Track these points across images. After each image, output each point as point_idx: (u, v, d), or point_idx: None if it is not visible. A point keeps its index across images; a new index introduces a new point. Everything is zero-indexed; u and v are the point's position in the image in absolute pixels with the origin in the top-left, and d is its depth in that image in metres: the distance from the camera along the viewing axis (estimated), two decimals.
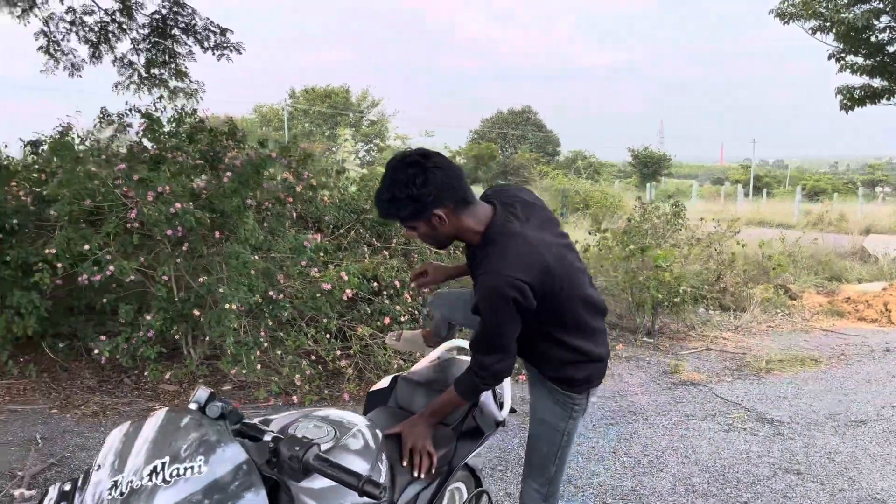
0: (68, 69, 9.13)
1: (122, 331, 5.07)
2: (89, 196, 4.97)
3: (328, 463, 1.50)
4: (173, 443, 1.42)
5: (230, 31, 8.94)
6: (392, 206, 2.06)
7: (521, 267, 2.04)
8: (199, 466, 1.38)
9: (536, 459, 2.41)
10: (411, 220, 2.10)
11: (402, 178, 2.02)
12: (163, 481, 1.34)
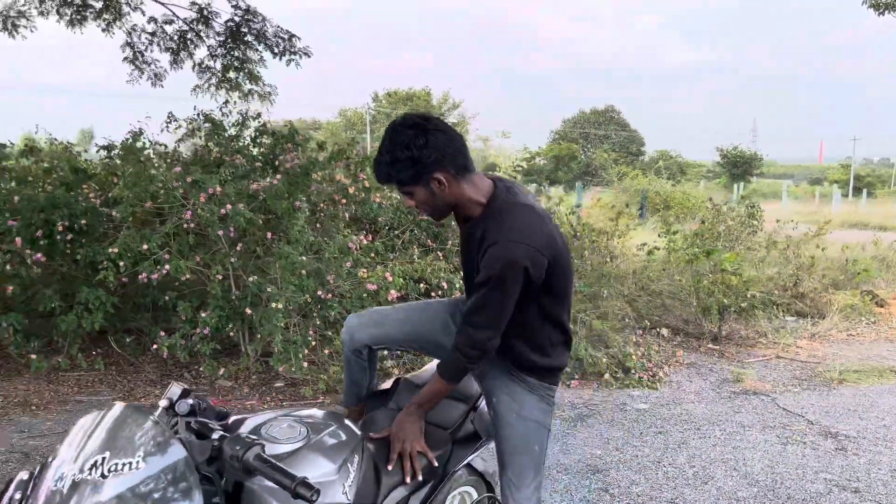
0: (151, 78, 9.58)
1: (181, 327, 5.28)
2: (151, 198, 5.20)
3: (267, 463, 1.51)
4: (118, 438, 1.46)
5: (297, 37, 9.17)
6: (392, 169, 2.00)
7: (534, 236, 2.02)
8: (137, 463, 1.41)
9: (530, 461, 2.32)
10: (411, 184, 2.03)
11: (402, 139, 1.97)
12: (101, 476, 1.39)
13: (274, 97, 9.89)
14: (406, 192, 2.08)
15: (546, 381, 2.31)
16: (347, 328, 2.43)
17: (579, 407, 5.30)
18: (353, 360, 2.46)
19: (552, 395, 2.34)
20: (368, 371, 2.51)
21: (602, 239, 7.93)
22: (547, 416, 2.33)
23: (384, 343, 2.43)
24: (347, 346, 2.43)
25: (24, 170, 6.03)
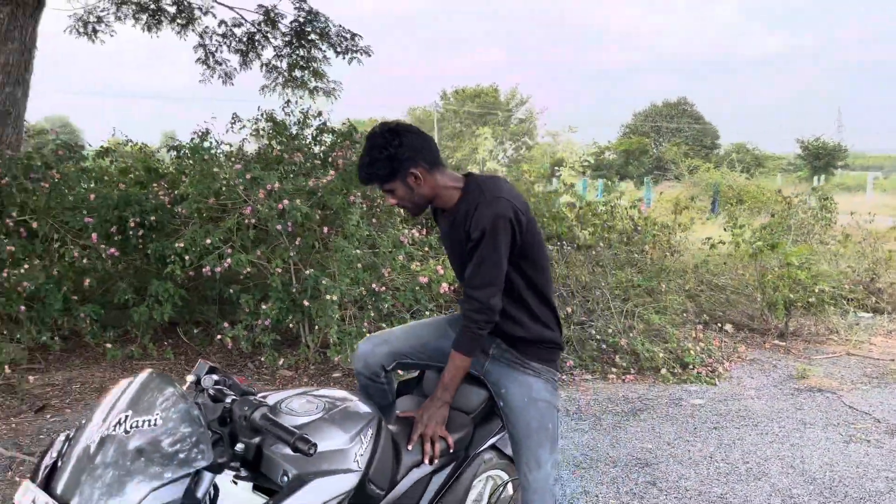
0: (222, 77, 9.97)
1: (244, 319, 5.49)
2: (214, 195, 5.43)
3: (271, 422, 1.66)
4: (141, 400, 1.63)
5: (359, 36, 9.37)
6: (372, 168, 2.22)
7: (514, 195, 2.29)
8: (155, 420, 1.58)
9: (545, 440, 2.37)
10: (390, 181, 2.24)
11: (379, 141, 2.21)
12: (124, 431, 1.56)
13: (338, 93, 10.14)
14: (387, 191, 2.30)
15: (548, 364, 2.43)
16: (360, 356, 2.51)
17: (633, 401, 5.25)
18: (370, 386, 2.53)
19: (556, 378, 2.46)
20: (388, 393, 2.59)
21: (663, 233, 7.81)
22: (554, 396, 2.43)
23: (394, 358, 2.50)
24: (364, 373, 2.51)
25: (101, 170, 6.37)
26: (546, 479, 2.35)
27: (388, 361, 2.48)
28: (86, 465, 1.53)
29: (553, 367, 2.44)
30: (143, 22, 9.23)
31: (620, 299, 6.55)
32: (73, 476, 1.53)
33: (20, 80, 6.52)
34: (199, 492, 1.63)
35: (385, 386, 2.54)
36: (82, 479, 1.51)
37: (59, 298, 5.31)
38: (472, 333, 2.26)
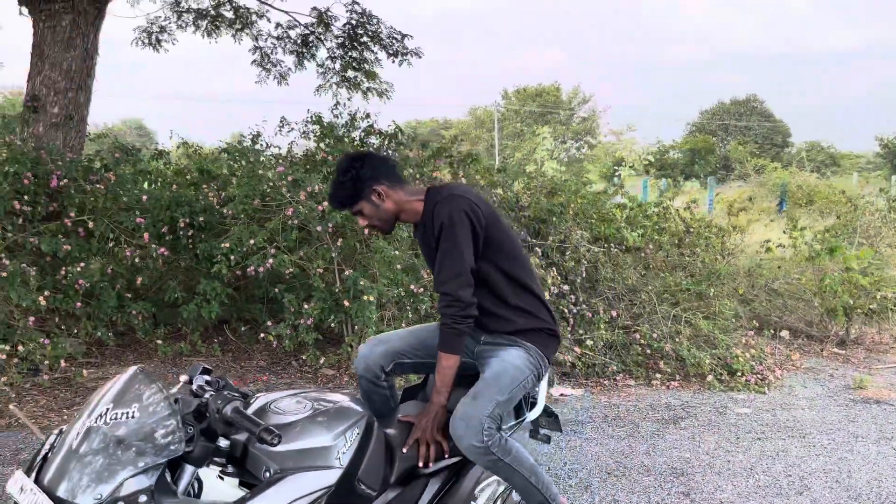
0: (277, 78, 10.19)
1: (288, 318, 5.60)
2: (259, 196, 5.55)
3: (241, 415, 1.74)
4: (123, 395, 1.73)
5: (410, 37, 9.43)
6: (341, 190, 2.39)
7: (469, 192, 2.42)
8: (133, 413, 1.68)
9: (493, 390, 2.32)
10: (357, 202, 2.40)
11: (344, 166, 2.41)
12: (104, 423, 1.67)
13: (391, 94, 10.24)
14: (356, 213, 2.45)
15: (539, 346, 2.46)
16: (360, 357, 2.56)
17: (675, 408, 5.13)
18: (372, 391, 2.56)
19: (540, 359, 2.46)
20: (390, 399, 2.61)
21: (717, 234, 7.59)
22: (526, 365, 2.41)
23: (392, 358, 2.54)
24: (366, 375, 2.54)
25: (157, 172, 6.60)
26: (478, 413, 2.24)
27: (387, 361, 2.50)
28: (71, 456, 1.63)
29: (542, 350, 2.46)
30: (203, 28, 9.50)
31: (668, 303, 6.40)
32: (61, 466, 1.63)
33: (82, 85, 6.79)
34: (181, 484, 1.71)
35: (386, 391, 2.56)
36: (68, 468, 1.62)
37: (114, 296, 5.53)
38: (450, 329, 2.31)
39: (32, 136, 6.53)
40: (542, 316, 2.50)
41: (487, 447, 2.21)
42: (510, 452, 2.28)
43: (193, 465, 1.76)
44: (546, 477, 2.41)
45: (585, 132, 45.60)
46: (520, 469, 2.30)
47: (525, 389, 2.43)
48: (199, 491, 1.83)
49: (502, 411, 2.32)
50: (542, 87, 46.11)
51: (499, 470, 2.28)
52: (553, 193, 7.34)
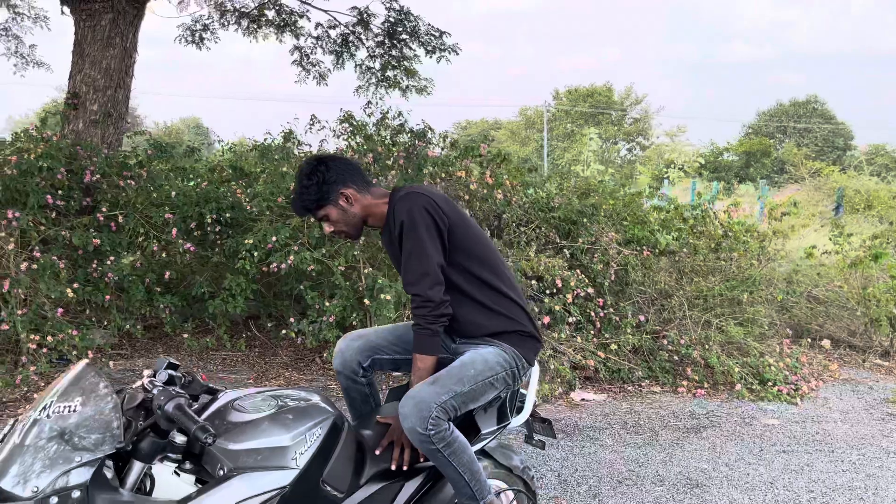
0: (317, 78, 10.28)
1: (310, 315, 5.63)
2: (282, 193, 5.59)
3: (182, 412, 1.73)
4: (69, 388, 1.73)
5: (448, 33, 9.40)
6: (304, 196, 2.32)
7: (429, 190, 2.38)
8: (75, 406, 1.68)
9: (455, 379, 2.25)
10: (323, 206, 2.34)
11: (307, 170, 2.34)
12: (47, 416, 1.67)
13: (430, 90, 10.24)
14: (322, 218, 2.38)
15: (516, 347, 2.39)
16: (337, 353, 2.51)
17: (698, 417, 4.97)
18: (351, 388, 2.51)
19: (518, 357, 2.39)
20: (371, 398, 2.55)
21: (756, 238, 7.35)
22: (499, 363, 2.34)
23: (370, 353, 2.48)
24: (342, 370, 2.50)
25: (189, 168, 6.72)
26: (431, 398, 2.16)
27: (364, 357, 2.45)
28: (17, 448, 1.64)
29: (519, 350, 2.39)
30: (245, 27, 9.65)
31: (700, 309, 6.22)
32: (7, 457, 1.65)
33: (121, 83, 6.96)
34: (129, 480, 1.70)
35: (365, 388, 2.51)
36: (13, 459, 1.63)
37: (142, 289, 5.64)
38: (423, 330, 2.26)
39: (72, 133, 6.72)
40: (518, 318, 2.43)
41: (429, 435, 2.14)
42: (451, 445, 2.19)
43: (141, 461, 1.76)
44: (482, 475, 2.32)
45: (637, 133, 44.90)
46: (455, 463, 2.21)
47: (495, 388, 2.35)
48: (151, 488, 1.82)
49: (458, 404, 2.23)
50: (594, 87, 45.57)
51: (434, 458, 2.20)
52: (586, 195, 7.22)
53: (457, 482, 2.24)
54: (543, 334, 5.43)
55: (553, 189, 7.43)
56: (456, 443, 2.20)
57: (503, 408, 2.49)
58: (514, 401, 2.53)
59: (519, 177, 7.19)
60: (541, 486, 3.79)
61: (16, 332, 4.97)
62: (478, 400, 2.31)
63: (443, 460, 2.18)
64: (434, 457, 2.18)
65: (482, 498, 2.29)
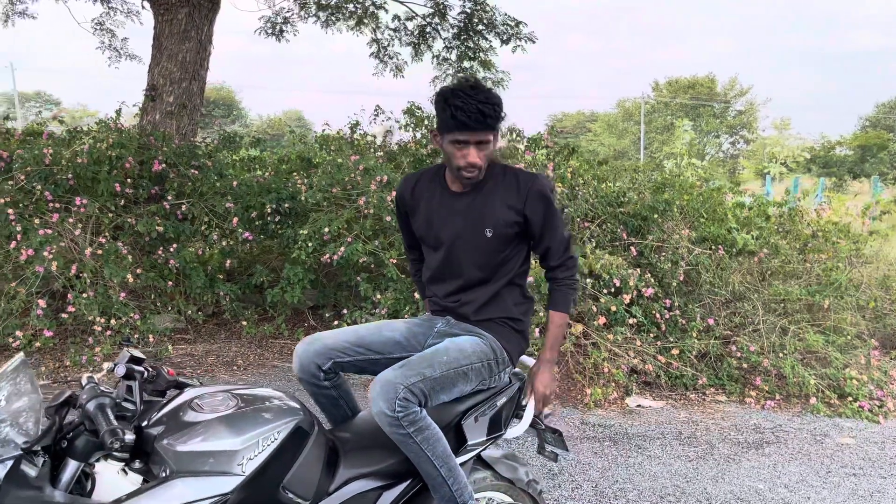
0: (393, 70, 10.29)
1: (364, 306, 5.61)
2: (338, 184, 5.58)
3: (100, 412, 1.69)
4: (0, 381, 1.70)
5: (524, 23, 9.19)
6: (500, 106, 2.17)
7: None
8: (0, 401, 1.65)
9: (425, 365, 2.15)
10: (498, 125, 2.20)
11: (487, 86, 2.20)
12: None
13: (506, 83, 10.06)
14: (484, 142, 2.18)
15: (501, 339, 2.33)
16: (294, 358, 2.36)
17: (763, 431, 4.61)
18: (317, 393, 2.38)
19: (499, 350, 2.32)
20: (343, 401, 2.42)
21: (845, 240, 6.78)
22: (476, 352, 2.26)
23: (329, 356, 2.31)
24: (301, 375, 2.35)
25: (256, 159, 6.84)
26: (398, 380, 2.05)
27: (322, 360, 2.30)
28: None
29: (503, 343, 2.33)
30: (323, 20, 9.75)
31: (777, 314, 5.79)
32: None
33: (196, 75, 7.15)
34: (63, 478, 1.66)
35: (331, 391, 2.37)
36: None
37: (202, 276, 5.77)
38: (572, 289, 2.38)
39: (150, 123, 6.96)
40: (516, 312, 2.40)
41: (397, 417, 2.02)
42: (422, 431, 2.06)
43: (76, 460, 1.71)
44: (462, 475, 2.16)
45: (741, 126, 42.90)
46: (430, 454, 2.07)
47: (468, 380, 2.22)
48: (92, 488, 1.77)
49: (427, 389, 2.10)
50: (696, 78, 43.85)
51: (408, 448, 2.07)
52: (660, 190, 6.87)
53: (434, 478, 2.11)
54: (598, 335, 5.18)
55: (626, 183, 7.12)
56: (428, 430, 2.08)
57: (497, 417, 2.32)
58: (509, 410, 2.37)
59: (591, 170, 6.92)
60: (574, 496, 3.59)
61: (84, 313, 5.17)
62: (449, 389, 2.18)
63: (416, 449, 2.06)
64: (406, 445, 2.06)
65: (462, 502, 2.15)
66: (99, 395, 1.73)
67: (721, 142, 42.79)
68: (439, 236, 2.37)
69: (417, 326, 2.46)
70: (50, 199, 5.47)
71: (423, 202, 2.41)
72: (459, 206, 2.33)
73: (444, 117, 2.17)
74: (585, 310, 5.25)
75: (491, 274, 2.34)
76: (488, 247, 2.30)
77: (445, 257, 2.38)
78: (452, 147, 2.20)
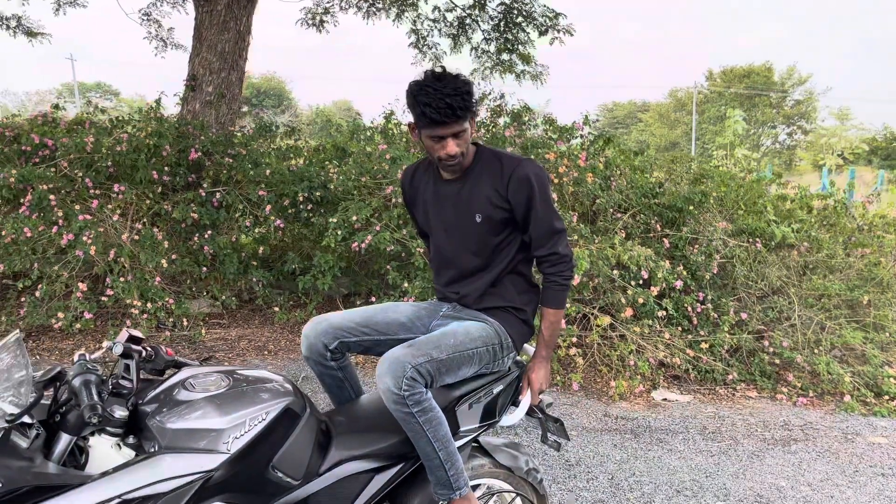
0: (432, 61, 10.29)
1: (392, 294, 5.66)
2: (367, 173, 5.62)
3: (87, 390, 1.73)
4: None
5: (563, 15, 9.07)
6: (468, 96, 2.13)
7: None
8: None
9: (431, 345, 2.16)
10: (468, 114, 2.16)
11: (456, 75, 2.15)
12: None
13: (545, 77, 9.97)
14: (459, 132, 2.17)
15: (504, 324, 2.33)
16: (303, 338, 2.40)
17: (792, 428, 4.50)
18: (323, 374, 2.42)
19: (504, 336, 2.32)
20: (348, 383, 2.45)
21: (893, 234, 6.55)
22: (481, 335, 2.27)
23: (336, 336, 2.34)
24: (309, 355, 2.39)
25: (290, 148, 6.94)
26: (405, 359, 2.07)
27: (329, 339, 2.33)
28: None
29: (507, 330, 2.32)
30: (364, 10, 9.80)
31: (816, 309, 5.63)
32: None
33: (235, 65, 7.28)
34: (56, 451, 1.72)
35: (337, 372, 2.41)
36: None
37: (236, 263, 5.89)
38: (561, 286, 2.35)
39: (189, 113, 7.12)
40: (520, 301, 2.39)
41: (402, 396, 2.04)
42: (426, 413, 2.08)
43: (68, 434, 1.78)
44: (459, 461, 2.17)
45: (799, 116, 41.63)
46: (431, 435, 2.08)
47: (473, 363, 2.23)
48: (85, 461, 1.84)
49: (434, 370, 2.12)
50: (752, 66, 42.67)
51: (410, 427, 2.08)
52: (698, 181, 6.74)
53: (431, 460, 2.12)
54: (624, 328, 5.12)
55: (662, 174, 7.01)
56: (432, 412, 2.10)
57: (492, 405, 2.32)
58: (506, 398, 2.36)
59: (627, 161, 6.83)
60: (589, 487, 3.57)
61: (122, 297, 5.34)
62: (454, 372, 2.19)
63: (417, 429, 2.08)
64: (408, 424, 2.08)
65: (458, 488, 2.16)
66: (85, 372, 1.78)
67: (777, 132, 41.60)
68: (434, 225, 2.40)
69: (423, 309, 2.48)
70: (90, 185, 5.65)
71: (420, 192, 2.45)
72: (449, 193, 2.34)
73: (416, 114, 2.17)
74: (615, 301, 5.20)
75: (487, 261, 2.34)
76: (480, 232, 2.30)
77: (442, 245, 2.40)
78: (430, 141, 2.20)
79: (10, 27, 9.22)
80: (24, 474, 1.65)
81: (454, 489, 2.16)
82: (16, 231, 5.17)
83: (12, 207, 5.67)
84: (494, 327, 2.31)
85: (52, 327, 5.40)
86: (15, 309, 5.64)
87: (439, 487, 2.17)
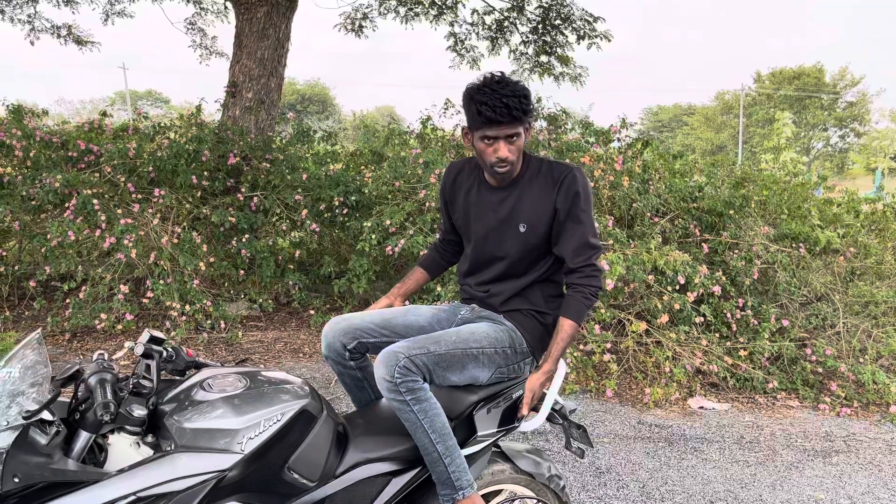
0: (470, 63, 10.31)
1: (426, 298, 5.66)
2: (401, 177, 5.64)
3: (101, 389, 1.77)
4: (15, 354, 1.81)
5: (602, 19, 8.99)
6: (527, 99, 2.12)
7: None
8: (12, 372, 1.76)
9: (439, 336, 2.19)
10: (527, 117, 2.16)
11: (515, 80, 2.16)
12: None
13: (584, 79, 9.90)
14: (513, 135, 2.16)
15: (519, 326, 2.32)
16: (323, 338, 2.41)
17: (834, 439, 4.36)
18: (343, 373, 2.42)
19: (518, 339, 2.31)
20: (367, 383, 2.45)
21: None
22: (489, 335, 2.26)
23: (355, 336, 2.34)
24: (329, 355, 2.40)
25: (327, 153, 7.00)
26: (401, 350, 2.08)
27: (348, 339, 2.34)
28: None
29: (523, 333, 2.31)
30: (402, 15, 9.86)
31: (862, 317, 5.45)
32: None
33: (274, 72, 7.39)
34: (75, 449, 1.75)
35: (357, 373, 2.41)
36: None
37: (272, 266, 5.97)
38: (588, 299, 2.29)
39: (230, 119, 7.25)
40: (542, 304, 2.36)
41: (396, 384, 2.03)
42: (420, 402, 2.06)
43: (87, 431, 1.81)
44: (461, 459, 2.14)
45: (852, 118, 40.48)
46: (427, 426, 2.07)
47: (479, 364, 2.21)
48: (104, 458, 1.87)
49: (431, 363, 2.11)
50: (802, 68, 41.66)
51: (405, 416, 2.08)
52: (739, 185, 6.60)
53: (430, 453, 2.11)
54: (659, 334, 5.03)
55: (703, 178, 6.87)
56: (427, 402, 2.09)
57: (511, 410, 2.30)
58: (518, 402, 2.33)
59: (666, 165, 6.72)
60: (619, 496, 3.51)
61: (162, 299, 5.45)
62: (458, 370, 2.18)
63: (412, 418, 2.07)
64: (403, 413, 2.08)
65: (460, 488, 2.14)
66: (101, 371, 1.82)
67: (829, 135, 40.53)
68: (474, 230, 2.38)
69: (443, 312, 2.49)
70: (132, 190, 5.79)
71: (462, 194, 2.43)
72: (494, 201, 2.33)
73: (472, 114, 2.16)
74: (650, 306, 5.11)
75: (524, 269, 2.33)
76: (521, 242, 2.28)
77: (479, 250, 2.39)
78: (482, 144, 2.19)
79: (61, 35, 9.52)
80: (41, 470, 1.68)
81: (456, 489, 2.14)
82: (61, 234, 5.32)
83: (59, 212, 5.84)
84: (508, 331, 2.29)
85: (96, 328, 5.54)
86: (61, 310, 5.81)
87: (441, 487, 2.15)
